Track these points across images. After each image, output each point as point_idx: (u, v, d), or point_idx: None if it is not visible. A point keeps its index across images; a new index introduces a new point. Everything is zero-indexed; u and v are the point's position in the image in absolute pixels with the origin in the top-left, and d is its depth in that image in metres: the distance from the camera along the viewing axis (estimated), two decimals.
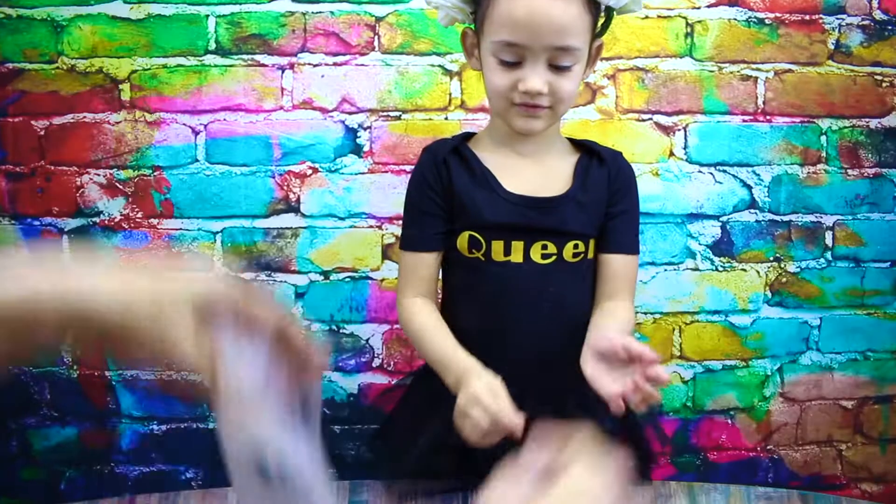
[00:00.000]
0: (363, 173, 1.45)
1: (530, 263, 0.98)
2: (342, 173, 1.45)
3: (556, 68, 0.92)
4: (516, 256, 0.98)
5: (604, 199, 1.02)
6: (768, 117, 1.47)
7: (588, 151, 1.04)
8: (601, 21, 0.98)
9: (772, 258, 1.50)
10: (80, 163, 1.43)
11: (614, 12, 0.98)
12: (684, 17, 1.44)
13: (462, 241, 1.00)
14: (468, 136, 1.07)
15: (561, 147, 1.05)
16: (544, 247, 0.98)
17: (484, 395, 0.86)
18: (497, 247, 0.99)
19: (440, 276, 1.07)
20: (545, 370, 0.99)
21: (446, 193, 1.01)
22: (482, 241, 0.99)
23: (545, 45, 0.90)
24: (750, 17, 1.44)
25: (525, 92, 0.92)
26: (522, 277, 0.99)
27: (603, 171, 1.02)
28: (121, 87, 1.42)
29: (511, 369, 0.98)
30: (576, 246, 1.00)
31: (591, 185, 1.01)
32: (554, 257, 0.99)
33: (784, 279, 1.51)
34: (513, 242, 0.98)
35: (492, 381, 0.88)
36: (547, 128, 0.98)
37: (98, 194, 1.44)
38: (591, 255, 1.02)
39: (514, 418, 0.83)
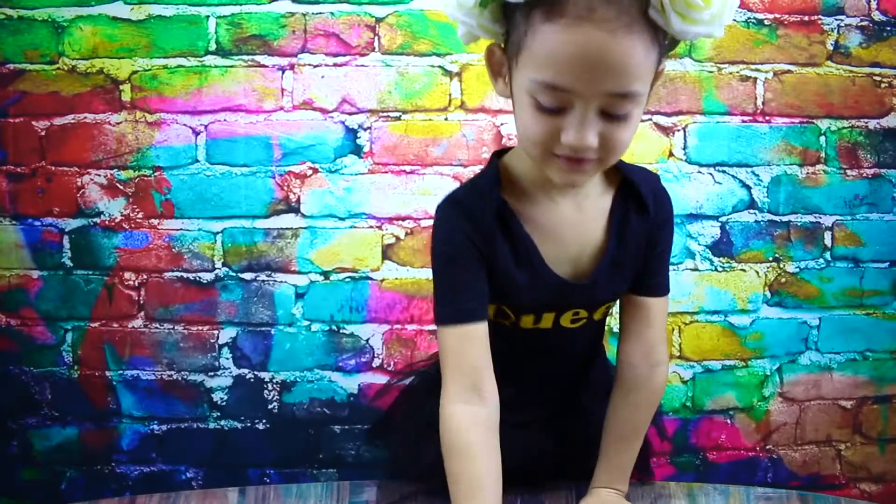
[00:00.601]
0: (363, 174, 1.45)
1: (559, 328, 0.91)
2: (342, 174, 1.45)
3: (610, 116, 0.73)
4: (546, 324, 0.90)
5: (642, 250, 0.90)
6: (767, 118, 1.47)
7: (626, 185, 0.89)
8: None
9: (771, 258, 1.51)
10: (80, 163, 1.44)
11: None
12: None
13: (490, 308, 0.89)
14: (499, 176, 0.86)
15: (599, 181, 0.89)
16: (575, 313, 0.90)
17: None
18: (527, 319, 0.90)
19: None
20: (558, 398, 0.99)
21: (486, 258, 0.85)
22: (512, 315, 0.90)
23: (600, 91, 0.71)
24: (749, 18, 1.44)
25: (570, 146, 0.74)
26: (549, 338, 0.92)
27: (642, 221, 0.89)
28: (121, 87, 1.42)
29: (527, 400, 0.98)
30: (607, 307, 0.93)
31: (630, 238, 0.88)
32: (584, 321, 0.91)
33: (783, 279, 1.51)
34: (544, 314, 0.90)
35: None
36: (592, 178, 0.83)
37: (98, 195, 1.45)
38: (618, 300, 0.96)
39: None
